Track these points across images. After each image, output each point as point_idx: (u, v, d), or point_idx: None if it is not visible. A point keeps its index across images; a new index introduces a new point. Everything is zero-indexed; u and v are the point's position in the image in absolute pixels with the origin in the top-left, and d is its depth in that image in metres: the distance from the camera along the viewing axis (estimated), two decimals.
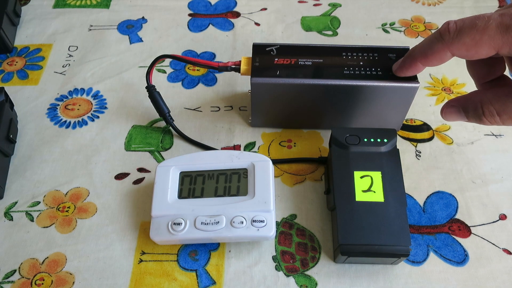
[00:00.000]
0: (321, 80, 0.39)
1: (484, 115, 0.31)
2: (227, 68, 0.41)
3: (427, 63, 0.34)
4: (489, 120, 0.31)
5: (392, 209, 0.35)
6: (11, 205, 0.41)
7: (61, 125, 0.46)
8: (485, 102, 0.31)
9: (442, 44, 0.30)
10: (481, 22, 0.28)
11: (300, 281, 0.36)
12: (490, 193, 0.41)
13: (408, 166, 0.43)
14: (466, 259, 0.37)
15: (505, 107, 0.30)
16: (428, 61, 0.33)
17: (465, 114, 0.32)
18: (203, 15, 0.58)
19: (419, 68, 0.35)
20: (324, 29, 0.56)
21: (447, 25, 0.30)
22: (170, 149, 0.44)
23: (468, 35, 0.29)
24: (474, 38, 0.28)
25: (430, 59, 0.33)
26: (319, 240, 0.38)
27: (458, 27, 0.29)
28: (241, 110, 0.48)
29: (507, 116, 0.30)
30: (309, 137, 0.45)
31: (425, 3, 0.59)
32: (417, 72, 0.37)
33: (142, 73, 0.51)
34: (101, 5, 0.59)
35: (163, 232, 0.35)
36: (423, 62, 0.34)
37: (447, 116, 0.34)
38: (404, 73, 0.37)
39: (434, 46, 0.31)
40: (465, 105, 0.32)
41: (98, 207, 0.40)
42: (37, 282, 0.36)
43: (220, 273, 0.37)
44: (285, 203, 0.41)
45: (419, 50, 0.34)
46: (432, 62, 0.33)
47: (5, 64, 0.52)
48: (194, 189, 0.37)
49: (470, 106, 0.32)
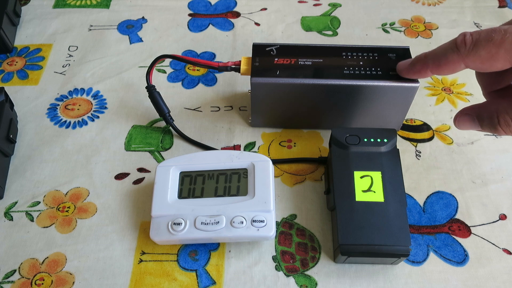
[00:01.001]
0: (321, 80, 0.39)
1: (499, 124, 0.30)
2: (227, 68, 0.41)
3: (438, 72, 0.33)
4: (504, 129, 0.30)
5: (392, 209, 0.35)
6: (11, 205, 0.41)
7: (61, 125, 0.46)
8: (501, 111, 0.30)
9: (457, 56, 0.30)
10: (497, 36, 0.28)
11: (300, 281, 0.36)
12: (490, 193, 0.41)
13: (408, 166, 0.43)
14: (466, 259, 0.37)
15: None
16: (440, 70, 0.32)
17: (480, 123, 0.32)
18: (203, 15, 0.58)
19: (428, 74, 0.35)
20: (324, 29, 0.56)
21: (464, 37, 0.30)
22: (170, 149, 0.44)
23: (484, 48, 0.28)
24: (490, 51, 0.28)
25: (442, 68, 0.32)
26: (319, 240, 0.38)
27: (474, 40, 0.29)
28: (241, 110, 0.48)
29: None
30: (309, 137, 0.45)
31: (425, 3, 0.59)
32: (423, 77, 0.36)
33: (142, 73, 0.51)
34: (101, 5, 0.59)
35: (163, 232, 0.35)
36: (434, 70, 0.33)
37: (460, 124, 0.33)
38: (410, 76, 0.37)
39: (449, 56, 0.31)
40: (480, 113, 0.32)
41: (98, 207, 0.40)
42: (37, 282, 0.36)
43: (220, 273, 0.37)
44: (285, 203, 0.41)
45: (432, 58, 0.33)
46: (444, 71, 0.32)
47: (5, 64, 0.52)
48: (194, 189, 0.37)
49: (485, 115, 0.31)
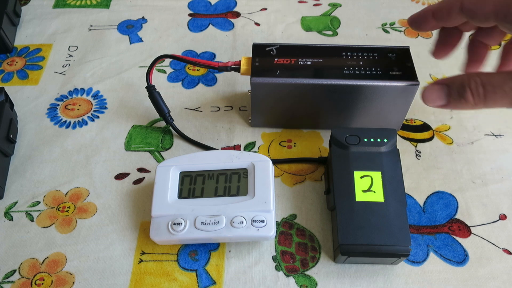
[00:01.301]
0: (321, 80, 0.39)
1: (469, 86, 0.30)
2: (227, 68, 0.41)
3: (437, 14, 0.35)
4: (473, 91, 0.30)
5: (392, 209, 0.35)
6: (11, 205, 0.41)
7: (61, 125, 0.46)
8: (472, 75, 0.31)
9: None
10: None
11: (300, 281, 0.36)
12: (490, 193, 0.41)
13: (408, 166, 0.43)
14: (466, 259, 0.37)
15: (491, 78, 0.30)
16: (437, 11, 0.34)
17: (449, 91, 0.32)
18: (203, 15, 0.58)
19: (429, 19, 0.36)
20: (324, 29, 0.56)
21: None
22: (170, 149, 0.44)
23: None
24: None
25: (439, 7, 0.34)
26: (319, 240, 0.38)
27: None
28: (241, 110, 0.48)
29: (491, 87, 0.30)
30: (309, 137, 0.45)
31: (425, 3, 0.59)
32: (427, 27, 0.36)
33: (142, 73, 0.51)
34: (101, 5, 0.59)
35: (163, 232, 0.35)
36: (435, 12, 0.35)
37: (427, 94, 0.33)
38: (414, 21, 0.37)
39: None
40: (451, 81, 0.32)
41: (98, 207, 0.40)
42: (37, 282, 0.36)
43: (220, 273, 0.37)
44: (285, 203, 0.41)
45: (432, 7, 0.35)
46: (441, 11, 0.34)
47: (5, 64, 0.52)
48: (194, 189, 0.37)
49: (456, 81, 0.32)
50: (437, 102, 0.33)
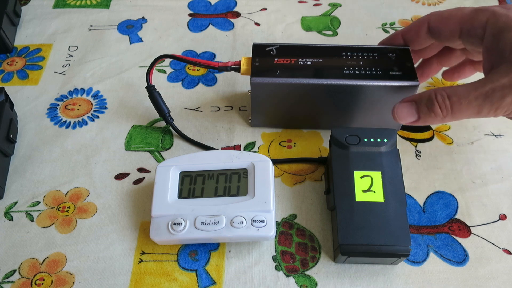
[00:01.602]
0: (321, 80, 0.39)
1: (436, 99, 0.32)
2: (227, 68, 0.41)
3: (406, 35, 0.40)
4: (440, 104, 0.32)
5: (392, 209, 0.35)
6: (11, 205, 0.41)
7: (61, 125, 0.46)
8: (438, 89, 0.33)
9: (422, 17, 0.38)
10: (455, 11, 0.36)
11: (300, 281, 0.36)
12: (490, 193, 0.41)
13: (408, 166, 0.43)
14: (466, 259, 0.37)
15: (455, 90, 0.32)
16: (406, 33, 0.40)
17: (417, 107, 0.34)
18: (203, 15, 0.58)
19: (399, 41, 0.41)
20: (324, 29, 0.56)
21: None
22: (170, 149, 0.44)
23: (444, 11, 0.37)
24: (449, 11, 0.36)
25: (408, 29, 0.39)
26: (319, 240, 0.38)
27: None
28: (241, 110, 0.48)
29: (456, 98, 0.32)
30: (309, 137, 0.45)
31: (425, 3, 0.59)
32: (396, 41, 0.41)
33: (142, 73, 0.51)
34: (101, 5, 0.59)
35: (163, 232, 0.35)
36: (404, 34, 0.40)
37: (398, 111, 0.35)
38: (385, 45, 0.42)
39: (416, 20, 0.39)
40: (419, 97, 0.34)
41: (98, 207, 0.40)
42: (37, 282, 0.36)
43: (220, 273, 0.37)
44: (285, 203, 0.41)
45: None
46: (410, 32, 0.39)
47: (5, 64, 0.52)
48: (194, 189, 0.37)
49: (424, 96, 0.33)
50: (408, 118, 0.35)
